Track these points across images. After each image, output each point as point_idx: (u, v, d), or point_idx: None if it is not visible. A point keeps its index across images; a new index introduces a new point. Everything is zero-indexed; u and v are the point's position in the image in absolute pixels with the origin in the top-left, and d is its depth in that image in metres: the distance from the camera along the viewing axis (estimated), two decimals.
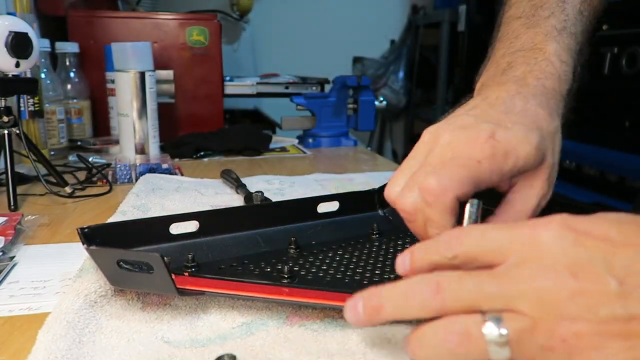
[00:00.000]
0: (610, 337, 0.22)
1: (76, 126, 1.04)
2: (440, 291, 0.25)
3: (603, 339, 0.22)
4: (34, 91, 0.73)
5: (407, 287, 0.26)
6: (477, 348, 0.24)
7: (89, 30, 1.09)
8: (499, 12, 0.50)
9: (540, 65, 0.39)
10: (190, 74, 1.14)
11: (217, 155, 1.00)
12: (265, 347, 0.32)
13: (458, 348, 0.24)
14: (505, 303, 0.24)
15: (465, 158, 0.33)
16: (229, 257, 0.42)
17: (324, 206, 0.50)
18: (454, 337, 0.24)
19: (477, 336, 0.24)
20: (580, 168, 1.51)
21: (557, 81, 0.39)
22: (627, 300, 0.22)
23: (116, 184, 0.76)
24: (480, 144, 0.33)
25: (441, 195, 0.31)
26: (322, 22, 2.44)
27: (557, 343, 0.22)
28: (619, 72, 1.37)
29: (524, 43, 0.41)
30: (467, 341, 0.24)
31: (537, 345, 0.23)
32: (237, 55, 2.29)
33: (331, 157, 1.04)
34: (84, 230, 0.38)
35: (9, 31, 0.63)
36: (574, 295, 0.22)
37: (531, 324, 0.23)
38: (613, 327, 0.22)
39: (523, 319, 0.23)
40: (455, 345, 0.24)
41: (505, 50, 0.43)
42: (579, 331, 0.22)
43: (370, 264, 0.41)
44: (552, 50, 0.40)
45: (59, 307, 0.34)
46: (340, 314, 0.35)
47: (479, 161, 0.33)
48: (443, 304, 0.25)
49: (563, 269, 0.23)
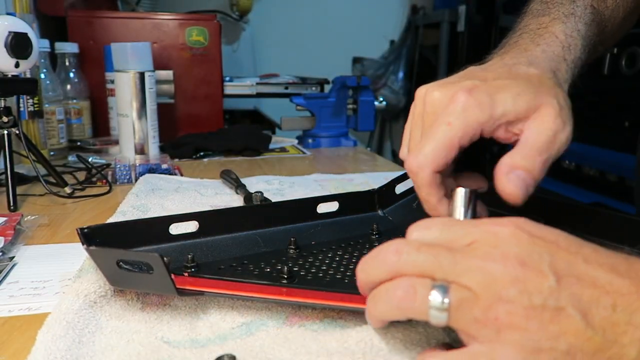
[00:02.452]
0: (535, 321, 0.24)
1: (76, 126, 1.04)
2: (399, 254, 0.28)
3: (529, 322, 0.24)
4: (33, 91, 0.73)
5: (375, 252, 0.30)
6: (419, 307, 0.27)
7: (89, 31, 1.09)
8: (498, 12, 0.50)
9: (544, 37, 0.41)
10: (189, 74, 1.14)
11: (216, 156, 1.00)
12: (264, 347, 0.32)
13: (402, 302, 0.27)
14: (455, 276, 0.26)
15: (438, 123, 0.35)
16: (228, 257, 0.42)
17: (324, 206, 0.50)
18: (400, 292, 0.27)
19: (422, 297, 0.26)
20: (580, 168, 1.51)
21: (560, 48, 0.40)
22: (559, 295, 0.25)
23: (116, 184, 0.76)
24: (454, 100, 0.34)
25: (419, 173, 0.35)
26: (321, 22, 2.44)
27: (490, 319, 0.25)
28: (618, 72, 1.37)
29: (530, 27, 0.43)
30: (412, 298, 0.27)
31: (472, 317, 0.25)
32: (237, 55, 2.29)
33: (331, 157, 1.04)
34: (84, 231, 0.38)
35: (9, 31, 0.63)
36: (516, 281, 0.25)
37: (472, 297, 0.25)
38: (541, 314, 0.24)
39: (466, 292, 0.26)
40: (400, 300, 0.27)
41: (512, 34, 0.44)
42: (511, 311, 0.25)
43: None
44: (558, 29, 0.41)
45: (58, 308, 0.34)
46: (339, 314, 0.35)
47: (449, 123, 0.34)
48: (399, 265, 0.28)
49: (513, 257, 0.26)
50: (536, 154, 0.33)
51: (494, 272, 0.25)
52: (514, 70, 0.38)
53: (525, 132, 0.34)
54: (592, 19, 0.44)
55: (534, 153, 0.33)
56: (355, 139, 1.19)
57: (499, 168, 0.33)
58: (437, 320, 0.26)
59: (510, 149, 0.34)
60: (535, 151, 0.33)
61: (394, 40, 2.56)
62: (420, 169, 0.34)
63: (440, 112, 0.35)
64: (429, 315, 0.26)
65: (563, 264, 0.26)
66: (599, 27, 0.46)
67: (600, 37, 0.46)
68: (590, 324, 0.24)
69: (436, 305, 0.26)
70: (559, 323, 0.24)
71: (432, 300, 0.26)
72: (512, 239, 0.27)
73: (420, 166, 0.34)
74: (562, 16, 0.43)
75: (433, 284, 0.26)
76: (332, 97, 1.13)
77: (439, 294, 0.26)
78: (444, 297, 0.26)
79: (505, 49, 0.43)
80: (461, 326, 0.26)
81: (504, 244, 0.27)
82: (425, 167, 0.34)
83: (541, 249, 0.26)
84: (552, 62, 0.39)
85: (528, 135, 0.34)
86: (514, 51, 0.41)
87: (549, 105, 0.34)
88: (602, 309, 0.24)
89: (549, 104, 0.34)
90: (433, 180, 0.35)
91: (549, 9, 0.44)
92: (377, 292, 0.29)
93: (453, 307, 0.26)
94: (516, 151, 0.33)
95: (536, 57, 0.39)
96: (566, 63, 0.40)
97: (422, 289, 0.26)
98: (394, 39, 2.56)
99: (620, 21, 0.50)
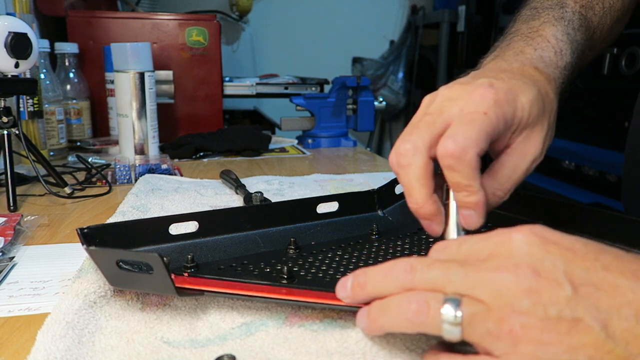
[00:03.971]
0: (552, 334, 0.23)
1: (75, 127, 1.04)
2: (412, 271, 0.28)
3: (545, 334, 0.23)
4: (33, 92, 0.73)
5: (387, 268, 0.29)
6: (432, 322, 0.26)
7: (89, 31, 1.09)
8: (498, 12, 0.51)
9: (537, 40, 0.42)
10: (189, 74, 1.14)
11: (216, 156, 1.00)
12: (264, 347, 0.32)
13: (415, 316, 0.26)
14: (467, 289, 0.26)
15: (471, 112, 0.33)
16: (228, 257, 0.42)
17: (324, 207, 0.50)
18: (413, 306, 0.26)
19: (435, 311, 0.26)
20: (580, 168, 1.51)
21: (553, 53, 0.41)
22: (576, 305, 0.23)
23: (115, 184, 0.76)
24: (481, 94, 0.33)
25: (463, 156, 0.31)
26: (321, 22, 2.44)
27: (504, 332, 0.24)
28: (618, 72, 1.37)
29: (522, 31, 0.44)
30: (425, 313, 0.26)
31: (486, 330, 0.25)
32: (237, 55, 2.29)
33: (331, 157, 1.04)
34: (84, 231, 0.38)
35: (9, 32, 0.63)
36: (530, 291, 0.24)
37: (485, 310, 0.25)
38: (558, 325, 0.23)
39: (478, 304, 0.25)
40: (413, 314, 0.26)
41: (503, 38, 0.45)
42: (526, 324, 0.24)
43: (370, 264, 0.41)
44: (549, 32, 0.42)
45: (58, 308, 0.34)
46: (339, 314, 0.35)
47: (485, 112, 0.32)
48: (412, 282, 0.27)
49: (526, 266, 0.25)
50: (511, 185, 0.36)
51: (505, 283, 0.25)
52: (525, 71, 0.38)
53: (509, 155, 0.36)
54: (580, 24, 0.45)
55: (510, 177, 0.36)
56: (355, 139, 1.19)
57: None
58: (450, 335, 0.26)
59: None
60: (513, 175, 0.36)
61: (393, 41, 2.56)
62: (464, 152, 0.31)
63: (465, 108, 0.33)
64: (442, 329, 0.26)
65: (580, 272, 0.24)
66: (587, 33, 0.46)
67: (589, 43, 0.47)
68: (611, 336, 0.23)
69: (449, 319, 0.25)
70: (577, 335, 0.23)
71: (444, 314, 0.25)
72: (524, 247, 0.26)
73: (464, 149, 0.31)
74: (552, 19, 0.43)
75: (445, 298, 0.26)
76: (332, 98, 1.13)
77: (452, 308, 0.25)
78: (457, 310, 0.25)
79: (497, 52, 0.43)
80: (475, 340, 0.25)
81: (517, 252, 0.26)
82: (469, 149, 0.31)
83: (555, 256, 0.25)
84: (550, 68, 0.39)
85: (511, 159, 0.36)
86: (510, 53, 0.41)
87: (544, 125, 0.36)
88: (624, 319, 0.23)
89: (545, 122, 0.36)
90: (478, 164, 0.32)
91: (539, 13, 0.45)
92: (386, 303, 0.28)
93: (466, 321, 0.25)
94: (494, 174, 0.36)
95: (537, 60, 0.39)
96: (559, 70, 0.40)
97: (435, 303, 0.26)
98: (393, 39, 2.56)
99: (608, 29, 0.51)
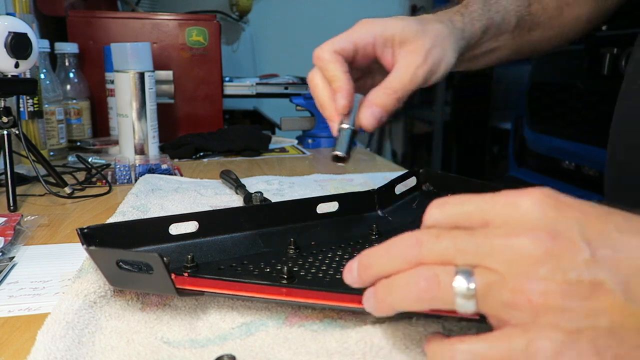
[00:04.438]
0: (573, 299, 0.22)
1: (75, 127, 1.04)
2: (419, 245, 0.26)
3: (565, 300, 0.22)
4: (33, 92, 0.73)
5: (391, 244, 0.27)
6: (444, 297, 0.24)
7: (89, 31, 1.09)
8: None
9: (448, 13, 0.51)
10: (189, 74, 1.14)
11: (216, 156, 1.00)
12: (264, 347, 0.32)
13: (425, 293, 0.25)
14: (478, 259, 0.24)
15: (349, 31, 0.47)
16: (228, 257, 0.42)
17: (324, 206, 0.50)
18: (422, 282, 0.25)
19: (446, 286, 0.24)
20: (580, 168, 1.51)
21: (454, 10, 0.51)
22: (595, 267, 0.22)
23: (115, 184, 0.76)
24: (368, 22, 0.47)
25: (319, 54, 0.45)
26: (321, 22, 2.43)
27: (522, 301, 0.23)
28: (618, 72, 1.37)
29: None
30: (435, 288, 0.25)
31: (502, 301, 0.23)
32: (237, 55, 2.29)
33: (330, 157, 1.04)
34: (84, 231, 0.38)
35: (9, 31, 0.63)
36: (547, 255, 0.23)
37: (499, 279, 0.23)
38: (578, 290, 0.22)
39: (492, 274, 0.24)
40: (422, 290, 0.25)
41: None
42: (545, 290, 0.23)
43: None
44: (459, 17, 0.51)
45: (58, 308, 0.34)
46: (339, 314, 0.35)
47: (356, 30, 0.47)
48: (420, 255, 0.26)
49: (541, 230, 0.23)
50: (392, 93, 0.44)
51: (520, 249, 0.23)
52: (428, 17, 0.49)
53: (397, 63, 0.45)
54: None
55: (391, 92, 0.44)
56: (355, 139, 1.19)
57: (364, 101, 0.45)
58: (464, 309, 0.24)
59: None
60: (392, 90, 0.44)
61: None
62: (320, 50, 0.45)
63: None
64: (455, 303, 0.24)
65: (595, 234, 0.23)
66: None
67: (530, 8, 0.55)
68: (632, 298, 0.22)
69: (462, 292, 0.24)
70: (598, 299, 0.22)
71: (456, 287, 0.24)
72: (536, 209, 0.24)
73: (321, 48, 0.45)
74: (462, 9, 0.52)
75: (456, 270, 0.24)
76: None
77: (464, 280, 0.24)
78: (469, 282, 0.24)
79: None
80: (491, 311, 0.24)
81: (529, 216, 0.24)
82: (324, 48, 0.45)
83: (570, 219, 0.24)
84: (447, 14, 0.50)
85: (397, 67, 0.45)
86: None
87: (424, 42, 0.45)
88: None
89: (424, 40, 0.45)
90: (334, 58, 0.45)
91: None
92: (393, 281, 0.27)
93: (480, 292, 0.24)
94: (379, 89, 0.45)
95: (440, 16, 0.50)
96: (460, 14, 0.50)
97: (446, 277, 0.24)
98: None
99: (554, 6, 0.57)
